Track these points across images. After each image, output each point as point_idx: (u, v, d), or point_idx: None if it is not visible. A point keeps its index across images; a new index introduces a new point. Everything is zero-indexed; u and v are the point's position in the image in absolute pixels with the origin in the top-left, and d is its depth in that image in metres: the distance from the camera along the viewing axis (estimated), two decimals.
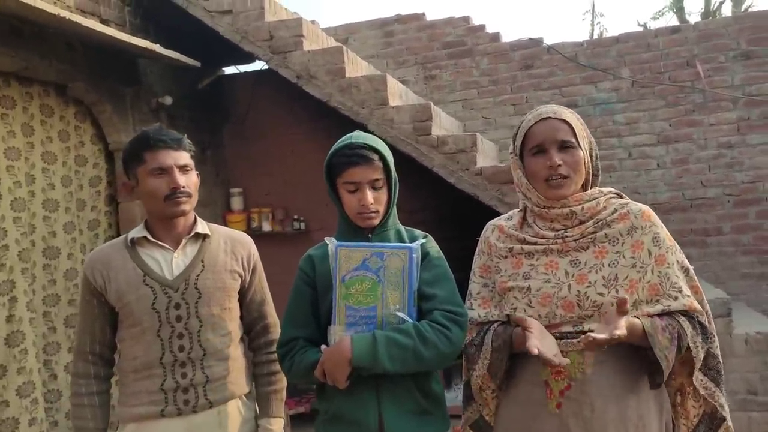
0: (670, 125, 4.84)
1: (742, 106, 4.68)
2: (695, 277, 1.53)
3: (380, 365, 1.54)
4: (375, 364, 1.54)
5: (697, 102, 4.77)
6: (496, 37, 5.33)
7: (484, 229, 1.71)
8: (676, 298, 1.44)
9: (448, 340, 1.58)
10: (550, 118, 1.50)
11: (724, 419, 1.51)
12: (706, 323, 1.46)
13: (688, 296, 1.46)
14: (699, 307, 1.46)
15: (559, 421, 1.46)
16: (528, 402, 1.52)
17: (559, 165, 1.47)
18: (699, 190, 4.76)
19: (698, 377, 1.47)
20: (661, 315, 1.44)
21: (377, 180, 1.68)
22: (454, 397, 4.40)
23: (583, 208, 1.50)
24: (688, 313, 1.44)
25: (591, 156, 1.54)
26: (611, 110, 4.95)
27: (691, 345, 1.41)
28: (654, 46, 4.91)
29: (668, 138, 4.84)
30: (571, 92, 5.04)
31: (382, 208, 1.71)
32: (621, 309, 1.34)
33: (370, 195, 1.66)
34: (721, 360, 1.51)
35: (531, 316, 1.51)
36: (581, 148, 1.49)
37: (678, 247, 1.53)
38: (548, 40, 5.21)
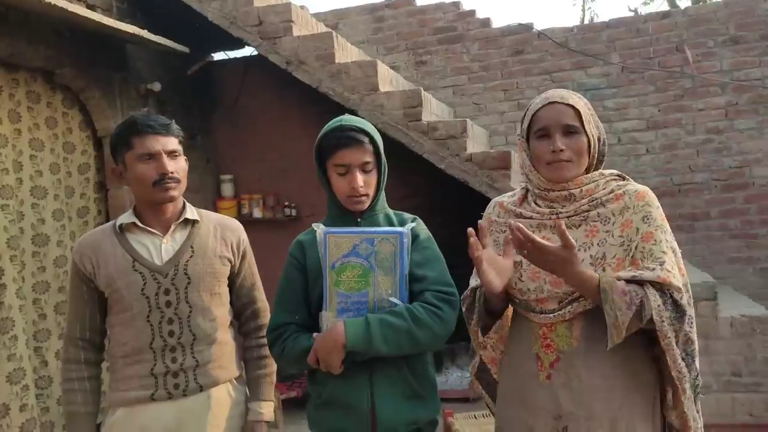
0: (659, 110, 4.86)
1: (731, 91, 4.70)
2: (681, 261, 1.53)
3: (375, 348, 1.56)
4: (370, 347, 1.55)
5: (686, 87, 4.80)
6: (486, 22, 5.31)
7: (489, 206, 1.74)
8: (653, 270, 1.43)
9: (441, 320, 1.60)
10: (556, 102, 1.52)
11: (693, 419, 1.51)
12: (682, 302, 1.43)
13: (668, 271, 1.42)
14: (676, 283, 1.43)
15: (549, 392, 1.51)
16: (522, 373, 1.58)
17: (562, 149, 1.49)
18: (687, 175, 4.80)
19: (676, 359, 1.45)
20: (630, 282, 1.43)
21: (367, 163, 1.68)
22: (444, 380, 4.46)
23: (581, 190, 1.52)
24: (661, 288, 1.42)
25: (598, 141, 1.55)
26: (601, 96, 4.96)
27: (655, 317, 1.39)
28: (644, 31, 4.92)
29: (657, 123, 4.87)
30: (561, 78, 5.04)
31: (371, 192, 1.71)
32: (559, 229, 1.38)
33: (360, 178, 1.66)
34: (696, 346, 1.50)
35: (520, 290, 1.56)
36: (586, 134, 1.51)
37: (669, 230, 1.53)
38: (539, 26, 5.21)
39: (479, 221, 1.57)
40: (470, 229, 1.51)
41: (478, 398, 4.61)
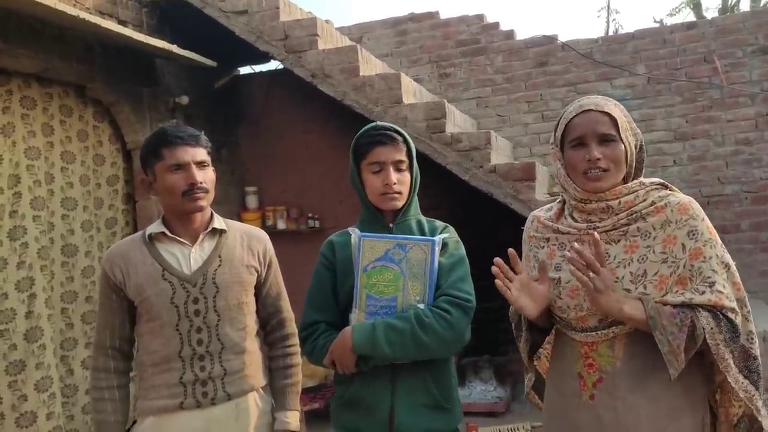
0: (686, 122, 4.79)
1: (761, 101, 4.62)
2: (737, 274, 1.46)
3: (380, 352, 1.58)
4: (375, 351, 1.59)
5: (714, 98, 4.72)
6: (510, 34, 5.31)
7: (527, 220, 1.71)
8: (702, 293, 1.37)
9: (448, 324, 1.60)
10: (591, 110, 1.47)
11: (761, 429, 1.45)
12: (737, 321, 1.37)
13: (720, 292, 1.37)
14: (729, 304, 1.37)
15: (593, 412, 1.47)
16: (565, 392, 1.54)
17: (599, 159, 1.44)
18: (716, 187, 4.71)
19: (738, 379, 1.40)
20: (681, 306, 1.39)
21: (401, 162, 1.73)
22: (467, 394, 4.41)
23: (620, 202, 1.46)
24: (713, 310, 1.37)
25: (636, 148, 1.50)
26: (627, 107, 4.79)
27: (709, 340, 1.34)
28: (670, 42, 4.86)
29: (685, 134, 4.80)
30: (585, 89, 5.00)
31: (405, 190, 1.74)
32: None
33: (394, 175, 1.70)
34: (760, 362, 1.44)
35: (560, 308, 1.52)
36: (623, 142, 1.46)
37: (719, 242, 1.45)
38: (563, 38, 5.19)
39: (510, 249, 1.53)
40: (497, 259, 1.50)
41: (503, 412, 4.54)
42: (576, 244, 1.42)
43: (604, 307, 1.38)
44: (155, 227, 1.78)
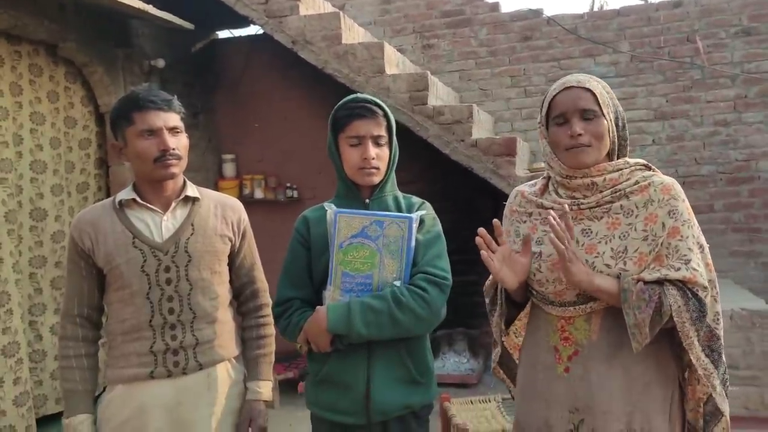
0: (667, 101, 4.81)
1: (741, 83, 4.65)
2: (709, 256, 1.49)
3: (356, 331, 1.57)
4: (351, 331, 1.57)
5: (695, 78, 4.74)
6: (495, 6, 5.24)
7: (511, 194, 1.72)
8: (678, 269, 1.40)
9: (425, 302, 1.60)
10: (573, 87, 1.49)
11: (723, 414, 1.49)
12: (706, 300, 1.40)
13: (695, 270, 1.40)
14: (702, 281, 1.40)
15: (567, 385, 1.50)
16: (539, 365, 1.57)
17: (580, 134, 1.46)
18: (693, 167, 4.76)
19: (700, 357, 1.43)
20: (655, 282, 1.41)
21: (380, 136, 1.69)
22: (441, 365, 4.47)
23: (605, 179, 1.48)
24: (684, 288, 1.40)
25: (617, 125, 1.52)
26: (609, 84, 4.83)
27: (675, 317, 1.37)
28: (655, 20, 4.84)
29: (665, 114, 4.82)
30: (569, 65, 4.98)
31: (383, 166, 1.71)
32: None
33: (372, 150, 1.66)
34: (722, 341, 1.48)
35: (539, 281, 1.54)
36: (605, 117, 1.47)
37: (696, 224, 1.48)
38: (548, 12, 5.14)
39: (494, 220, 1.54)
40: (481, 229, 1.50)
41: (475, 384, 4.63)
42: (552, 212, 1.45)
43: (576, 278, 1.40)
44: (126, 194, 1.74)
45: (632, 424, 1.44)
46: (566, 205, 1.46)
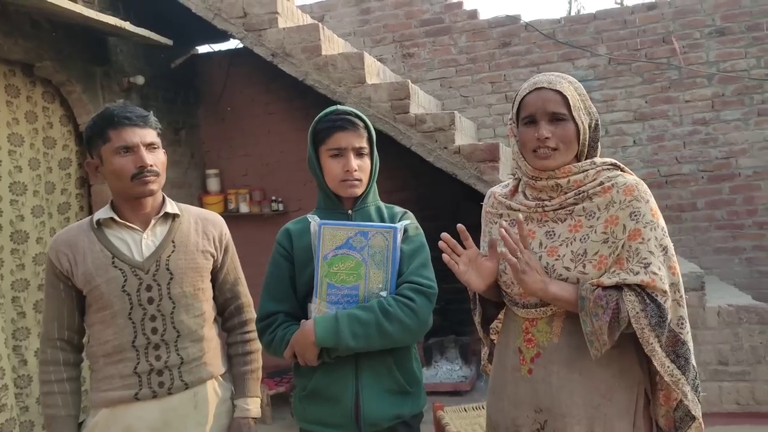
0: (646, 102, 4.87)
1: (717, 82, 4.71)
2: (674, 258, 1.45)
3: (344, 344, 1.55)
4: (339, 343, 1.55)
5: (672, 79, 4.80)
6: (473, 14, 5.28)
7: (486, 196, 1.71)
8: (636, 273, 1.37)
9: (413, 312, 1.58)
10: (543, 88, 1.46)
11: (694, 418, 1.46)
12: (665, 305, 1.36)
13: (654, 273, 1.36)
14: (661, 286, 1.36)
15: (530, 386, 1.50)
16: (507, 366, 1.57)
17: (547, 137, 1.43)
18: (674, 167, 4.81)
19: (664, 363, 1.40)
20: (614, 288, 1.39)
21: (362, 148, 1.69)
22: (434, 374, 4.45)
23: (569, 180, 1.46)
24: (642, 293, 1.36)
25: (589, 128, 1.49)
26: (588, 88, 4.91)
27: (633, 323, 1.34)
28: (631, 22, 4.91)
29: (644, 115, 4.87)
30: (548, 70, 5.02)
31: (365, 177, 1.70)
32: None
33: (354, 161, 1.66)
34: (691, 347, 1.44)
35: (505, 282, 1.54)
36: (574, 121, 1.44)
37: (661, 225, 1.44)
38: (526, 18, 5.18)
39: (458, 225, 1.53)
40: (444, 234, 1.51)
41: (469, 391, 4.61)
42: (504, 223, 1.47)
43: (530, 288, 1.40)
44: (103, 213, 1.71)
45: (593, 427, 1.43)
46: (520, 215, 1.47)
